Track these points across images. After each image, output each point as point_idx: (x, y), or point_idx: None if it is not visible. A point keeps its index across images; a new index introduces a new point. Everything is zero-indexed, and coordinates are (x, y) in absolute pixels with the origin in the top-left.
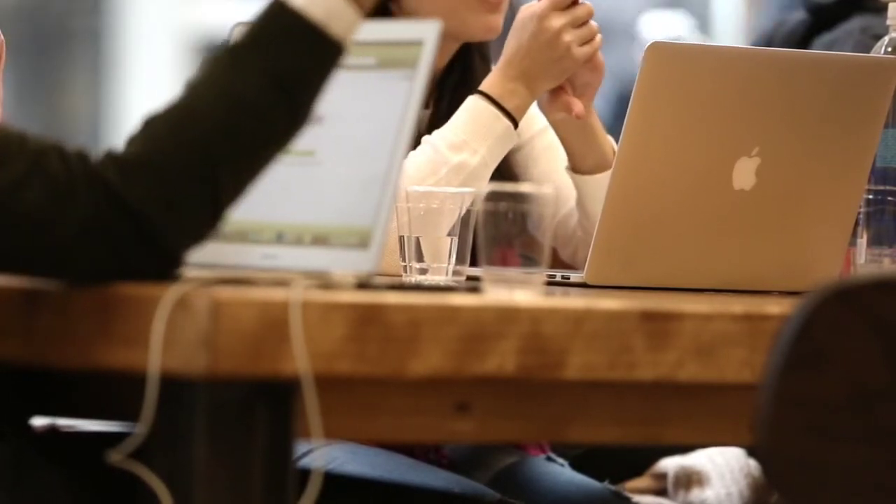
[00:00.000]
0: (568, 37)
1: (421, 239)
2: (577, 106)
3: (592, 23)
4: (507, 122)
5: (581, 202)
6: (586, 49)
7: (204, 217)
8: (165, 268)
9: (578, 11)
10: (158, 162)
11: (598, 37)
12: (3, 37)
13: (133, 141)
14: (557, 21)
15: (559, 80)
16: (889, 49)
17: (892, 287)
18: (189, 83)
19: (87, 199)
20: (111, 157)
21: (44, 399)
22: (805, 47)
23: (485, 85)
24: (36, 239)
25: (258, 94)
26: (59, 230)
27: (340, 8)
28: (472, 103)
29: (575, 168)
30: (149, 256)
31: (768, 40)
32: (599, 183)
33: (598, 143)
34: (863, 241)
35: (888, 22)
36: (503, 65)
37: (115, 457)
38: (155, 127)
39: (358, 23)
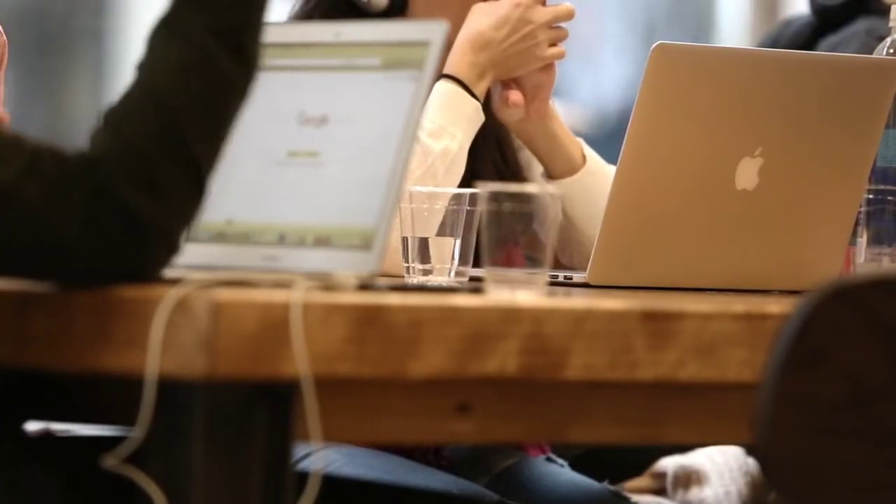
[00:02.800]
0: (542, 34)
1: (420, 240)
2: (514, 95)
3: (565, 25)
4: (475, 102)
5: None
6: (553, 51)
7: (191, 195)
8: (164, 256)
9: (560, 11)
10: (136, 152)
11: (564, 48)
12: (5, 38)
13: (100, 138)
14: (540, 16)
15: (515, 72)
16: (891, 51)
17: (892, 286)
18: (138, 65)
19: (82, 199)
20: (90, 157)
21: (39, 403)
22: (810, 49)
23: (453, 68)
24: (34, 240)
25: (208, 56)
26: (57, 230)
27: None
28: (443, 88)
29: (547, 174)
30: (144, 249)
31: (774, 41)
32: (569, 186)
33: (561, 147)
34: (863, 240)
35: (890, 24)
36: (473, 45)
37: (111, 461)
38: (119, 119)
39: None
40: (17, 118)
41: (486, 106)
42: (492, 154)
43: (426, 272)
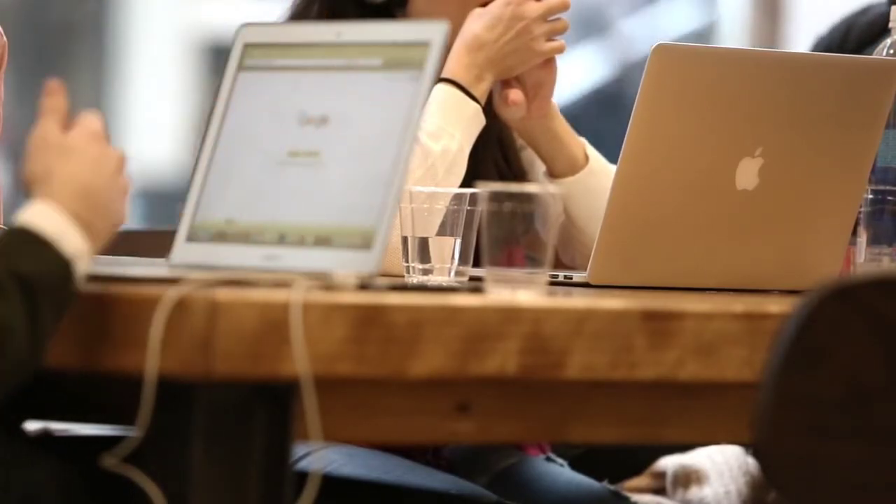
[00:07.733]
0: (538, 29)
1: (421, 239)
2: (513, 94)
3: (563, 17)
4: (475, 105)
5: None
6: (551, 45)
7: None
8: None
9: (554, 3)
10: None
11: (563, 42)
12: (5, 39)
13: None
14: (532, 11)
15: (516, 70)
16: (891, 51)
17: (892, 286)
18: None
19: None
20: None
21: (38, 402)
22: (879, 41)
23: (451, 71)
24: None
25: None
26: None
27: (71, 232)
28: (441, 92)
29: (549, 173)
30: None
31: (848, 27)
32: (571, 185)
33: (563, 146)
34: (862, 240)
35: (890, 24)
36: (469, 48)
37: (110, 461)
38: None
39: (87, 255)
40: (18, 118)
41: (488, 109)
42: (494, 156)
43: (426, 272)
